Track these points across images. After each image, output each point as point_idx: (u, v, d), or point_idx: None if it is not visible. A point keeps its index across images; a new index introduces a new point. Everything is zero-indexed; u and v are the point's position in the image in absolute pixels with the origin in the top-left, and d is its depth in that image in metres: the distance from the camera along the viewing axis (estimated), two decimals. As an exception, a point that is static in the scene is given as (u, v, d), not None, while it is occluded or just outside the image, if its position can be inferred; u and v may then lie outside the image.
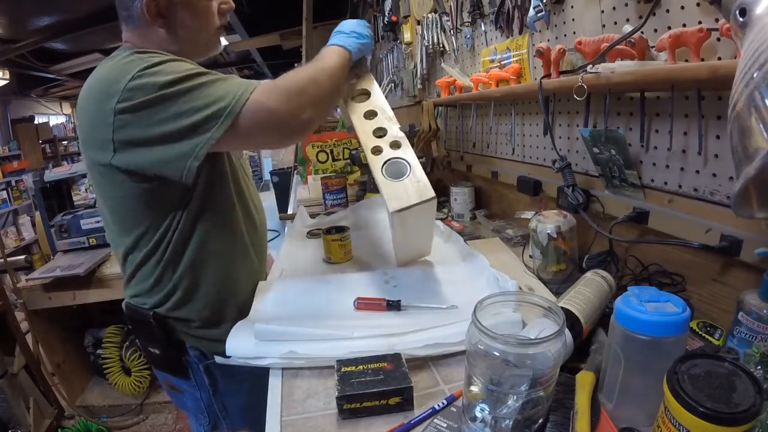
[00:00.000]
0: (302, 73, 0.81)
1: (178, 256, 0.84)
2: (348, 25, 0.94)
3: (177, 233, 0.82)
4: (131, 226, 0.83)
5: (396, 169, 0.81)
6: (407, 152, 0.83)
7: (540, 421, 0.51)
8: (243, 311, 0.85)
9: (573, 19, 0.99)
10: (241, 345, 0.72)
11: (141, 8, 0.77)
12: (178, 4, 0.79)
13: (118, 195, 0.79)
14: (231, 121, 0.71)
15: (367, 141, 0.86)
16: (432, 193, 0.77)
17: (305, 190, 1.93)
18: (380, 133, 0.87)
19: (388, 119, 0.88)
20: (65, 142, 7.10)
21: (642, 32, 0.76)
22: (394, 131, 0.86)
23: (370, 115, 0.90)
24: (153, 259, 0.84)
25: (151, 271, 0.85)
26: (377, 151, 0.84)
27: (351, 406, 0.59)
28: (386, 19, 2.49)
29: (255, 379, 0.93)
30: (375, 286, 0.94)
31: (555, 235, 0.91)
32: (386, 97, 0.94)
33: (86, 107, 0.74)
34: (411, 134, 1.92)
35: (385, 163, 0.82)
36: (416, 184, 0.78)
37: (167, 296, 0.87)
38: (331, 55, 0.88)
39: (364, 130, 0.88)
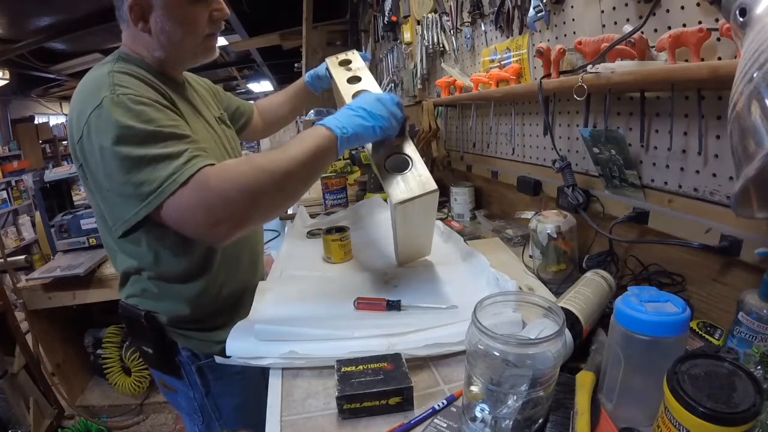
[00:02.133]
0: (248, 176, 0.68)
1: (166, 262, 0.83)
2: (362, 98, 0.80)
3: (162, 239, 0.81)
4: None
5: (398, 164, 0.82)
6: (409, 147, 0.84)
7: (540, 421, 0.51)
8: (235, 314, 0.85)
9: (573, 19, 0.99)
10: (241, 345, 0.72)
11: (126, 10, 0.76)
12: (158, 8, 0.75)
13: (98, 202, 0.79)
14: (152, 209, 0.66)
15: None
16: (434, 186, 0.77)
17: (305, 190, 1.93)
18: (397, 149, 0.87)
19: None
20: (65, 142, 7.07)
21: (642, 32, 0.76)
22: None
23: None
24: (141, 266, 0.84)
25: (139, 278, 0.86)
26: (379, 147, 0.85)
27: (351, 406, 0.59)
28: (386, 19, 2.49)
29: (248, 380, 0.93)
30: (375, 286, 0.94)
31: (555, 235, 0.91)
32: None
33: (69, 118, 0.73)
34: (411, 134, 1.92)
35: (387, 157, 0.82)
36: (418, 178, 0.78)
37: (157, 302, 0.87)
38: (305, 141, 0.73)
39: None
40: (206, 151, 0.72)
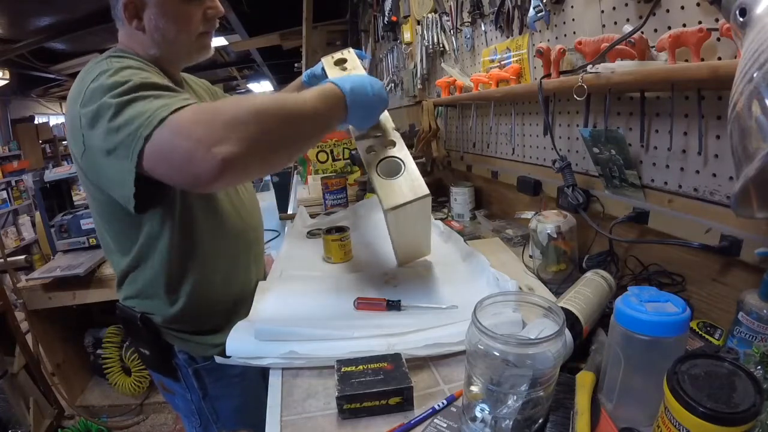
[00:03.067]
0: (255, 100, 0.63)
1: (163, 265, 0.83)
2: (361, 77, 0.78)
3: (158, 242, 0.81)
4: (114, 233, 0.82)
5: (391, 168, 0.81)
6: (402, 151, 0.83)
7: (540, 421, 0.51)
8: (233, 317, 0.84)
9: (573, 19, 0.99)
10: (241, 345, 0.72)
11: (120, 9, 0.76)
12: (152, 6, 0.76)
13: (98, 201, 0.79)
14: (142, 144, 0.60)
15: (362, 141, 0.86)
16: (426, 191, 0.77)
17: (305, 190, 1.93)
18: (377, 132, 0.87)
19: (384, 119, 0.88)
20: (65, 142, 7.08)
21: (642, 32, 0.76)
22: (389, 130, 0.86)
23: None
24: (137, 267, 0.84)
25: (135, 278, 0.86)
26: (371, 150, 0.84)
27: (351, 406, 0.59)
28: (386, 19, 2.49)
29: (245, 383, 0.93)
30: (375, 286, 0.94)
31: (555, 235, 0.91)
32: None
33: (67, 110, 0.73)
34: (411, 134, 1.92)
35: (379, 162, 0.82)
36: (410, 182, 0.78)
37: (153, 303, 0.87)
38: (310, 91, 0.71)
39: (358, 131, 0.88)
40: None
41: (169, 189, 0.77)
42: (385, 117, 0.89)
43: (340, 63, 1.01)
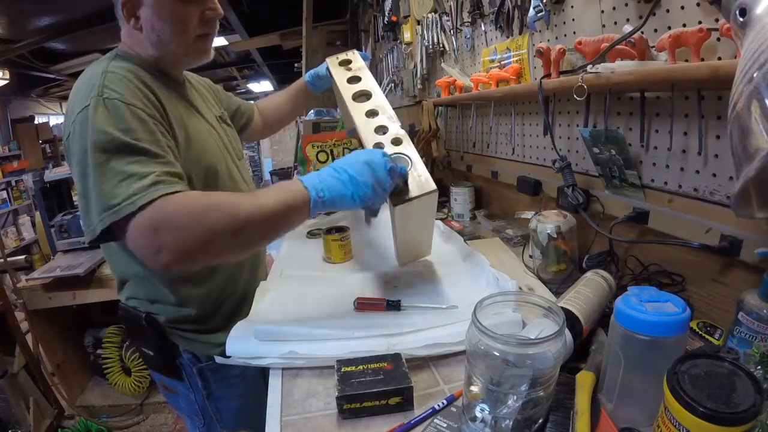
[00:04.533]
0: (223, 220, 0.64)
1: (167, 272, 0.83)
2: (349, 158, 0.72)
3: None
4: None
5: (397, 165, 0.81)
6: (408, 148, 0.84)
7: (540, 421, 0.51)
8: (237, 316, 0.84)
9: (573, 19, 0.99)
10: (241, 345, 0.72)
11: (119, 8, 0.76)
12: (147, 5, 0.75)
13: None
14: (107, 225, 0.64)
15: (369, 137, 0.86)
16: (433, 186, 0.77)
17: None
18: (381, 130, 0.87)
19: (388, 118, 0.89)
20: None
21: (642, 32, 0.76)
22: (395, 129, 0.87)
23: (371, 114, 0.90)
24: (141, 273, 0.84)
25: (140, 280, 0.85)
26: (379, 147, 0.85)
27: (351, 406, 0.59)
28: (386, 19, 2.49)
29: (249, 382, 0.93)
30: (375, 286, 0.94)
31: (555, 235, 0.91)
32: (386, 97, 0.94)
33: (66, 117, 0.73)
34: (411, 134, 1.92)
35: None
36: (417, 178, 0.78)
37: (158, 304, 0.87)
38: (278, 193, 0.69)
39: (365, 127, 0.88)
40: (177, 176, 0.69)
41: None
42: (391, 116, 0.89)
43: (345, 64, 1.01)
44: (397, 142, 0.85)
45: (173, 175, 0.68)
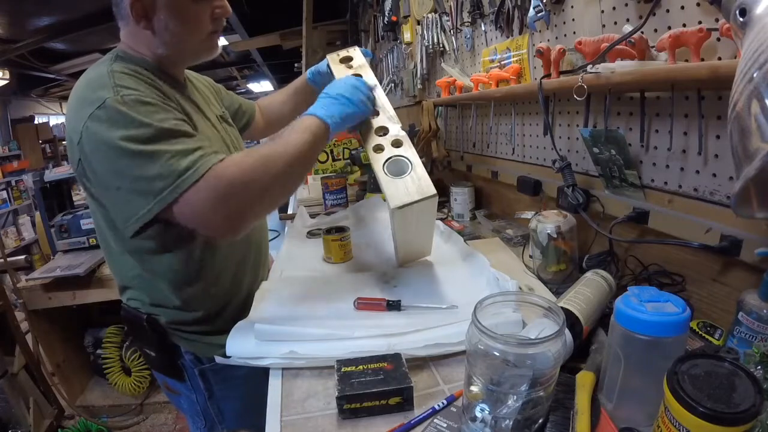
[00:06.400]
0: (267, 169, 0.70)
1: (169, 270, 0.83)
2: (338, 86, 0.85)
3: (165, 245, 0.80)
4: (118, 239, 0.81)
5: (397, 167, 0.81)
6: (409, 150, 0.84)
7: (540, 421, 0.51)
8: (239, 317, 0.83)
9: (573, 19, 0.99)
10: (241, 345, 0.72)
11: (127, 8, 0.75)
12: (162, 6, 0.75)
13: (100, 209, 0.79)
14: (166, 204, 0.66)
15: (369, 139, 0.86)
16: (433, 191, 0.77)
17: (305, 190, 1.93)
18: (382, 131, 0.87)
19: (389, 119, 0.89)
20: (65, 142, 7.06)
21: (642, 32, 0.76)
22: (396, 130, 0.87)
23: (372, 114, 0.90)
24: (143, 272, 0.84)
25: (142, 282, 0.85)
26: (379, 149, 0.84)
27: (351, 406, 0.59)
28: (386, 19, 2.49)
29: (250, 384, 0.92)
30: (375, 286, 0.94)
31: (555, 235, 0.91)
32: (386, 96, 0.94)
33: (67, 117, 0.73)
34: (411, 134, 1.92)
35: (386, 161, 0.82)
36: (417, 182, 0.78)
37: (161, 306, 0.86)
38: (301, 131, 0.76)
39: (366, 128, 0.88)
40: (214, 149, 0.73)
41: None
42: (392, 116, 0.89)
43: (346, 61, 1.01)
44: (397, 143, 0.85)
45: (212, 146, 0.73)
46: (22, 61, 4.47)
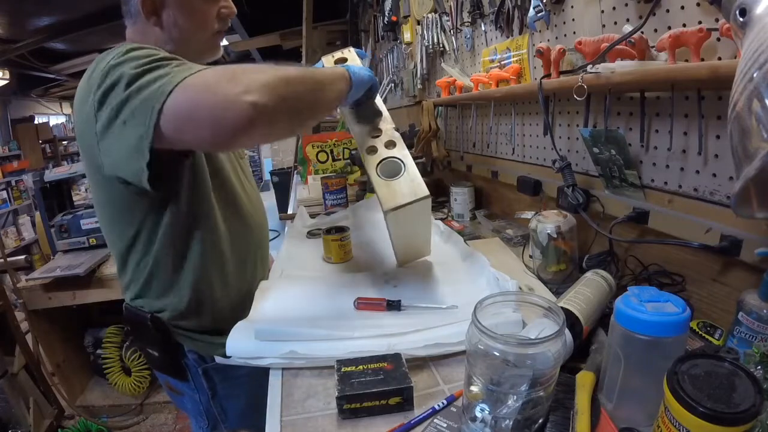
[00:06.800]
0: (278, 67, 0.65)
1: (173, 265, 0.83)
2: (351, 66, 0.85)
3: (170, 241, 0.81)
4: (124, 231, 0.82)
5: (391, 169, 0.81)
6: (402, 151, 0.83)
7: (540, 421, 0.51)
8: (242, 316, 0.84)
9: (573, 19, 0.99)
10: (241, 345, 0.72)
11: (137, 4, 0.77)
12: (172, 2, 0.78)
13: (109, 197, 0.79)
14: (162, 102, 0.59)
15: (363, 141, 0.86)
16: (426, 192, 0.76)
17: (305, 190, 1.93)
18: (376, 133, 0.87)
19: (383, 120, 0.89)
20: (65, 142, 7.09)
21: (642, 32, 0.76)
22: (390, 131, 0.87)
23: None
24: (147, 267, 0.84)
25: (147, 279, 0.85)
26: (372, 150, 0.84)
27: (351, 406, 0.59)
28: (386, 19, 2.49)
29: (254, 382, 0.93)
30: (375, 286, 0.94)
31: (555, 235, 0.91)
32: (386, 97, 0.94)
33: (77, 105, 0.72)
34: (411, 134, 1.92)
35: (379, 162, 0.82)
36: (410, 183, 0.78)
37: (165, 303, 0.86)
38: (325, 68, 0.81)
39: (359, 130, 0.88)
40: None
41: (182, 178, 0.78)
42: (385, 117, 0.89)
43: (341, 62, 1.01)
44: (390, 144, 0.85)
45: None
46: (22, 61, 4.47)
